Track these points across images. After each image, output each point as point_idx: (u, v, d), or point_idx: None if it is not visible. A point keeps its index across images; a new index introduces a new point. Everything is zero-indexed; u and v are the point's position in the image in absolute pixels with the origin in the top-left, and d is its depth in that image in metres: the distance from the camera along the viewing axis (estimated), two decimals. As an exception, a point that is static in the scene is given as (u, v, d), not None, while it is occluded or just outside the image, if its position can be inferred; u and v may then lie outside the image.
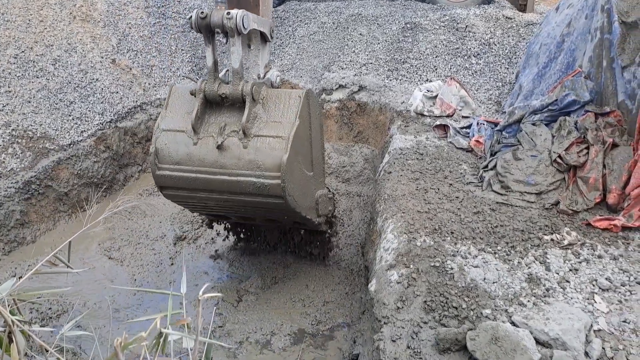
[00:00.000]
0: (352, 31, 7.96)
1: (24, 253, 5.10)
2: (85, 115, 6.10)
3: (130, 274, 4.98)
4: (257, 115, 3.58)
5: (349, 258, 5.11)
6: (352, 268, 4.97)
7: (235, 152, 3.55)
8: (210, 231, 5.31)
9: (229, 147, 3.55)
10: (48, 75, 6.17)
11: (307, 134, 3.77)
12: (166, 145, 3.66)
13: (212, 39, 3.53)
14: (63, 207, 5.63)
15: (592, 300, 3.02)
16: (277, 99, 3.64)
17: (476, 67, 6.87)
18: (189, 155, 3.62)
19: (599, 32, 4.58)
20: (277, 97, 3.65)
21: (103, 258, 5.17)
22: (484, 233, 3.74)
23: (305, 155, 3.80)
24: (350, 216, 5.74)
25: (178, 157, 3.65)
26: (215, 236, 5.34)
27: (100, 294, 4.62)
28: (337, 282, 4.80)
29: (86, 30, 7.00)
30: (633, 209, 3.64)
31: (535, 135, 4.54)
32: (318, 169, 4.10)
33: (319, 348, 4.13)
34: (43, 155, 5.49)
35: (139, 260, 5.14)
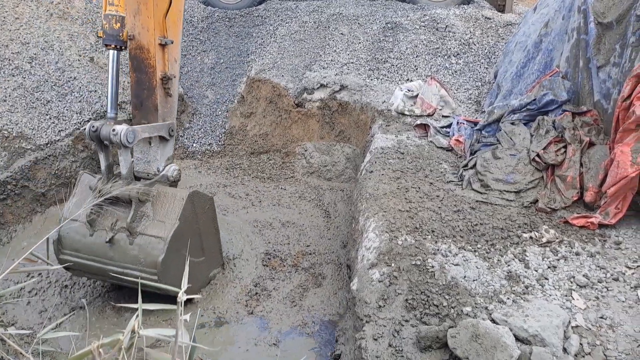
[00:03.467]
0: (333, 30, 7.96)
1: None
2: (62, 114, 5.99)
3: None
4: (145, 213, 4.02)
5: (336, 251, 5.18)
6: (340, 261, 5.03)
7: (122, 247, 3.97)
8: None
9: (118, 241, 3.98)
10: (24, 73, 6.05)
11: (194, 229, 4.20)
12: (67, 234, 4.10)
13: (103, 147, 3.94)
14: (40, 208, 5.53)
15: (570, 297, 3.07)
16: (165, 198, 4.07)
17: (456, 67, 6.93)
18: (85, 245, 4.06)
19: (576, 32, 4.65)
20: (164, 197, 4.08)
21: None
22: (464, 231, 3.77)
23: (194, 246, 4.19)
24: (336, 208, 5.81)
25: (76, 246, 4.09)
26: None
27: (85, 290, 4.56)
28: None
29: (63, 28, 6.88)
30: (609, 207, 3.70)
31: (514, 134, 4.60)
32: (212, 252, 4.59)
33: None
34: (19, 155, 5.38)
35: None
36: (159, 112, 4.13)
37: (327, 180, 6.64)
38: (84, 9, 7.32)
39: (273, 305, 4.53)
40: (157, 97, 4.08)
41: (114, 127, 3.73)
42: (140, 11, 3.86)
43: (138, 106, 4.14)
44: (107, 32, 3.64)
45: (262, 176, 6.75)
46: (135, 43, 4.00)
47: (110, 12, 3.62)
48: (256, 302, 4.56)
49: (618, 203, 3.66)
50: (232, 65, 7.93)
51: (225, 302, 4.54)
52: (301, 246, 5.34)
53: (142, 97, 4.10)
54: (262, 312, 4.45)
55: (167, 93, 4.16)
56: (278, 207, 6.06)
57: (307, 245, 5.35)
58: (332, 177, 6.70)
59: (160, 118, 4.16)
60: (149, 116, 4.16)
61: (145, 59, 4.00)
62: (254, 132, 7.42)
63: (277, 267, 5.00)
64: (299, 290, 4.69)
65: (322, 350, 4.09)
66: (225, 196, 6.24)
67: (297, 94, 7.14)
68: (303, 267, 5.01)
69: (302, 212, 5.98)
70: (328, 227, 5.67)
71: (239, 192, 6.35)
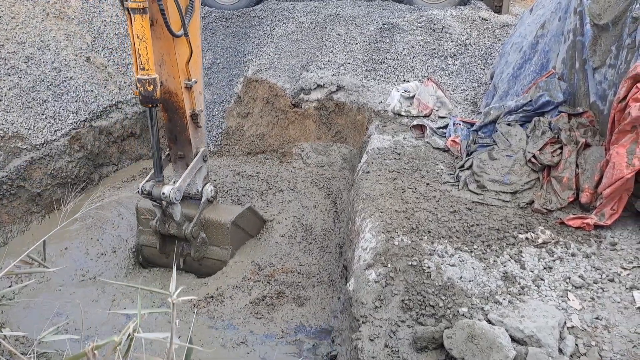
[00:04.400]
0: (330, 31, 7.97)
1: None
2: (58, 114, 5.98)
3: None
4: (203, 240, 4.95)
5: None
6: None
7: (194, 266, 5.11)
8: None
9: (189, 263, 5.07)
10: (20, 73, 6.03)
11: (241, 237, 5.26)
12: (147, 254, 5.21)
13: (156, 202, 4.64)
14: (36, 208, 5.51)
15: (565, 298, 3.07)
16: (214, 227, 4.96)
17: (452, 68, 6.94)
18: (161, 261, 5.15)
19: (572, 34, 4.67)
20: (213, 226, 4.96)
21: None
22: (461, 232, 3.78)
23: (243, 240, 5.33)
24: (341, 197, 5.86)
25: (154, 259, 5.21)
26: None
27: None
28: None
29: (60, 28, 6.86)
30: (605, 208, 3.71)
31: (511, 135, 4.61)
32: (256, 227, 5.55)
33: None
34: (15, 155, 5.37)
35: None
36: (192, 144, 4.60)
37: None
38: (80, 8, 7.31)
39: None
40: (189, 132, 4.52)
41: (162, 191, 4.40)
42: (164, 61, 4.13)
43: (173, 140, 4.64)
44: (142, 95, 3.90)
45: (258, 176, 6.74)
46: (164, 88, 4.28)
47: (142, 76, 3.84)
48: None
49: (614, 204, 3.67)
50: (229, 65, 7.92)
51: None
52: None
53: (175, 132, 4.58)
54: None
55: (197, 126, 4.58)
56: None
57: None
58: (329, 178, 6.70)
59: (194, 148, 4.64)
60: (184, 148, 4.65)
61: (175, 102, 4.36)
62: (251, 132, 7.42)
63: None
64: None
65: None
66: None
67: (294, 94, 7.14)
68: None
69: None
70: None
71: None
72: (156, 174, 4.50)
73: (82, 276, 4.91)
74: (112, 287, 4.76)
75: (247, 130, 7.46)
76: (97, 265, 5.06)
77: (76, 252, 5.11)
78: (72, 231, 5.25)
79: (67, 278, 4.82)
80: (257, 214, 5.48)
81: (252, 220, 5.39)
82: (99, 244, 5.23)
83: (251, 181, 6.32)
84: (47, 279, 4.73)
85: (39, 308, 4.42)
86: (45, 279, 4.71)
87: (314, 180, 6.38)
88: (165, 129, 4.64)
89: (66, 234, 5.15)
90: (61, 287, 4.69)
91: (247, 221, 5.28)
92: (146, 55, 3.77)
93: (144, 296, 4.60)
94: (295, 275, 4.90)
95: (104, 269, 5.03)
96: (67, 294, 4.62)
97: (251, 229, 5.39)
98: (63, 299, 4.53)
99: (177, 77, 4.19)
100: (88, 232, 5.32)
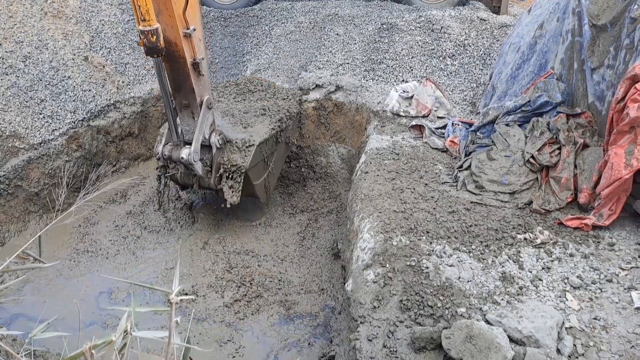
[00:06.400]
0: (329, 31, 7.95)
1: (-8, 255, 4.97)
2: (56, 114, 5.96)
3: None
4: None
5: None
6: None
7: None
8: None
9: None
10: (18, 72, 6.01)
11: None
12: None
13: (176, 163, 4.82)
14: (34, 208, 5.49)
15: (563, 298, 3.07)
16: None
17: (451, 68, 6.93)
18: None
19: (570, 34, 4.67)
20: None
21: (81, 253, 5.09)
22: (459, 232, 3.78)
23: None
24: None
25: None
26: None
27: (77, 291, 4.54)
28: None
29: (58, 27, 6.84)
30: (603, 209, 3.71)
31: (509, 135, 4.61)
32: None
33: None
34: (12, 155, 5.35)
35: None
36: (196, 91, 4.56)
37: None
38: (78, 7, 7.28)
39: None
40: (192, 81, 4.49)
41: (181, 155, 4.59)
42: (161, 11, 4.11)
43: (177, 89, 4.58)
44: (147, 46, 3.94)
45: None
46: (163, 38, 4.20)
47: (144, 27, 3.85)
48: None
49: (612, 205, 3.68)
50: (228, 65, 7.91)
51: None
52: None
53: (178, 82, 4.53)
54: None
55: (199, 74, 4.53)
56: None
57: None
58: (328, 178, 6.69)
59: (198, 96, 4.60)
60: (188, 97, 4.61)
61: (175, 51, 4.34)
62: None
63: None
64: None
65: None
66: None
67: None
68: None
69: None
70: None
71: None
72: (173, 136, 4.63)
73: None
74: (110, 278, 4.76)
75: (245, 130, 7.44)
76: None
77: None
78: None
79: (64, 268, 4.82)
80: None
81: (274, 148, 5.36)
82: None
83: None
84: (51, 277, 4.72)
85: (30, 304, 4.41)
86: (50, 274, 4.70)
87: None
88: (169, 78, 4.58)
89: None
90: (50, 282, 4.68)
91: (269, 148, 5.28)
92: (145, 6, 3.76)
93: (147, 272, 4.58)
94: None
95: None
96: (60, 288, 4.62)
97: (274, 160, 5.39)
98: (55, 294, 4.53)
99: (175, 26, 4.17)
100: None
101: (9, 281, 4.54)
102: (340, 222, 5.74)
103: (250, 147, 4.95)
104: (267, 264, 5.08)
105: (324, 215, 5.94)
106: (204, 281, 4.82)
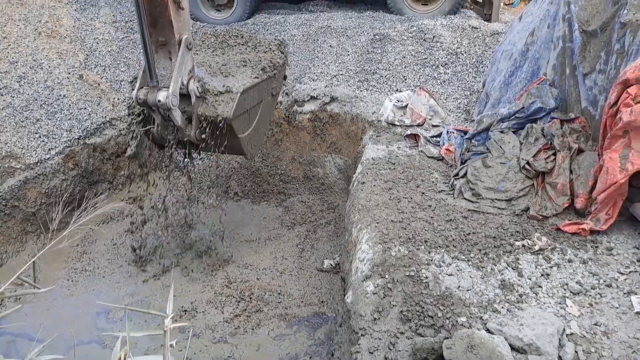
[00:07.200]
0: (322, 43, 8.00)
1: (-10, 277, 4.95)
2: (52, 133, 5.96)
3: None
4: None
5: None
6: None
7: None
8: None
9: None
10: (13, 92, 6.02)
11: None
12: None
13: (152, 110, 4.35)
14: (31, 228, 5.48)
15: (564, 305, 3.07)
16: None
17: (444, 77, 6.98)
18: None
19: (561, 40, 4.71)
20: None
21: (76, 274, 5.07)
22: (457, 241, 3.78)
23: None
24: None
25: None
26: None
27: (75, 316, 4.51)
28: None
29: (52, 46, 6.87)
30: (600, 213, 3.72)
31: (504, 142, 4.62)
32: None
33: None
34: (9, 175, 5.35)
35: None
36: (174, 27, 4.11)
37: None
38: (72, 26, 7.32)
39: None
40: (170, 12, 4.02)
41: (158, 97, 4.08)
42: None
43: (153, 24, 4.10)
44: None
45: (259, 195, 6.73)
46: None
47: None
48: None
49: (609, 209, 3.69)
50: (222, 79, 7.93)
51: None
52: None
53: (155, 14, 4.04)
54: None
55: (178, 6, 4.10)
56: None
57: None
58: (325, 190, 6.69)
59: (176, 32, 4.14)
60: (165, 32, 4.14)
61: None
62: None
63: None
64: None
65: None
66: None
67: (288, 106, 7.15)
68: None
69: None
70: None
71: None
72: (150, 77, 4.16)
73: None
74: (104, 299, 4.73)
75: (241, 143, 7.45)
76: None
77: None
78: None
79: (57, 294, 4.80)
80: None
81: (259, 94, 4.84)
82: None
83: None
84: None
85: (29, 324, 4.38)
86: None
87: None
88: (145, 11, 4.06)
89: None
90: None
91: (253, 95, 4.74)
92: None
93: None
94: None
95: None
96: (59, 308, 4.60)
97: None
98: (53, 314, 4.50)
99: None
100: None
101: (9, 306, 4.52)
102: (338, 232, 5.73)
103: (233, 94, 4.42)
104: (266, 277, 5.07)
105: (322, 227, 5.93)
106: (203, 297, 4.80)
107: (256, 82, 4.68)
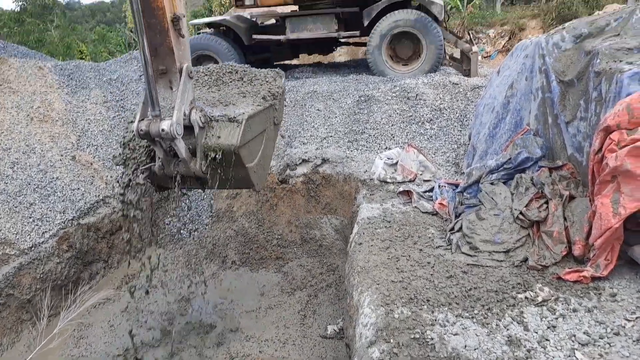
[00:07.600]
0: (310, 107, 8.20)
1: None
2: (46, 216, 5.96)
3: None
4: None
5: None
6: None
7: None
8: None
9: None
10: (6, 178, 6.07)
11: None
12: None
13: (155, 142, 4.11)
14: (26, 316, 5.37)
15: (573, 357, 3.00)
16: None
17: (431, 132, 7.12)
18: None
19: (541, 91, 4.86)
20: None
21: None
22: (459, 297, 3.73)
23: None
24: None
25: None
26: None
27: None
28: None
29: (44, 131, 6.99)
30: (599, 259, 3.71)
31: (495, 194, 4.67)
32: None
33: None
34: (3, 262, 5.30)
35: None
36: (175, 55, 4.03)
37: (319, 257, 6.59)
38: (64, 109, 7.48)
39: None
40: (171, 40, 3.97)
41: (161, 127, 3.87)
42: None
43: (153, 53, 4.01)
44: None
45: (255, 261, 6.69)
46: None
47: None
48: None
49: (607, 254, 3.68)
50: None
51: None
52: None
53: (155, 42, 3.99)
54: None
55: (179, 34, 4.04)
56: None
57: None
58: (324, 253, 6.66)
59: (177, 60, 4.06)
60: (166, 61, 4.05)
61: (153, 2, 3.88)
62: (241, 213, 7.42)
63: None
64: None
65: None
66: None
67: (280, 170, 7.23)
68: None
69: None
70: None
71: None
72: (152, 106, 3.95)
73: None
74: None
75: (237, 210, 7.47)
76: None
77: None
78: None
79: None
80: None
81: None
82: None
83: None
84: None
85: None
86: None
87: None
88: (145, 37, 3.93)
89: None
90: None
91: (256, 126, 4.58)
92: None
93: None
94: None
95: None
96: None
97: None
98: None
99: None
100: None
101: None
102: (340, 295, 5.66)
103: (238, 122, 4.26)
104: (269, 349, 4.95)
105: (323, 290, 5.86)
106: (206, 375, 4.67)
107: (259, 110, 4.55)
